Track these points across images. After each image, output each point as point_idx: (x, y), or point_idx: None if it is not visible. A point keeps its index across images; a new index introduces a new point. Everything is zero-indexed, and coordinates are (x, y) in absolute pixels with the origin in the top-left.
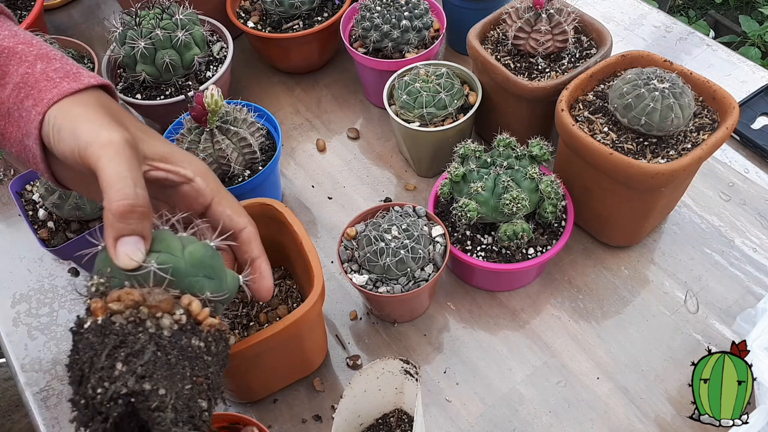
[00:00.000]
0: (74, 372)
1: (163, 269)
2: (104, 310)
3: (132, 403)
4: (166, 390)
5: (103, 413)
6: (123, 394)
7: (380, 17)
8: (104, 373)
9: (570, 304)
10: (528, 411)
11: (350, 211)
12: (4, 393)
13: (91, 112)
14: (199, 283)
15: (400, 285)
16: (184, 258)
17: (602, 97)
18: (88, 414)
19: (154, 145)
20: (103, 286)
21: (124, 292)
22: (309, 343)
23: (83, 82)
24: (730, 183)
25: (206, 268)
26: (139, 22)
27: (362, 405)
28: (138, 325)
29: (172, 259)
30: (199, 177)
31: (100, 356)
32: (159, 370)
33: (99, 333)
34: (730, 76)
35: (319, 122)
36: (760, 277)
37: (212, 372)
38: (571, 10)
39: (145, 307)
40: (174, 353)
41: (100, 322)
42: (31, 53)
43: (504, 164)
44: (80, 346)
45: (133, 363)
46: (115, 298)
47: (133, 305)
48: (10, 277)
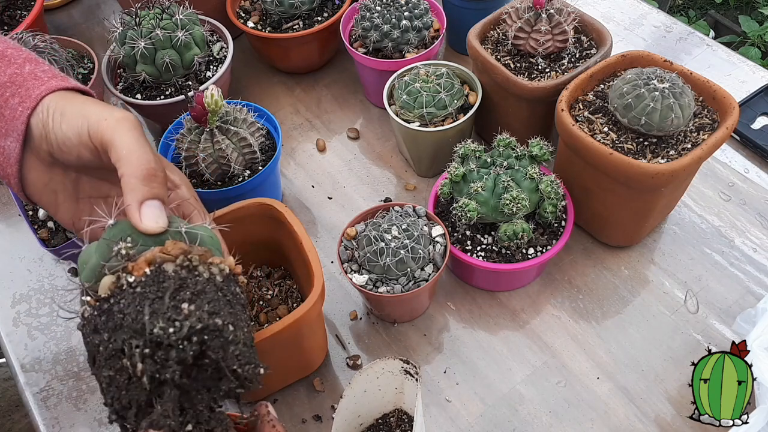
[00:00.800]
0: (127, 327)
1: (191, 234)
2: (148, 264)
3: (204, 342)
4: (234, 327)
5: (177, 355)
6: (198, 329)
7: (380, 17)
8: (172, 314)
9: (570, 304)
10: (528, 411)
11: (350, 211)
12: (4, 393)
13: (93, 101)
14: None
15: (400, 285)
16: (197, 229)
17: (602, 97)
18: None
19: None
20: (131, 249)
21: (171, 243)
22: (309, 343)
23: (71, 84)
24: (730, 183)
25: (215, 242)
26: (139, 22)
27: (362, 405)
28: (192, 270)
29: (194, 227)
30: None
31: (163, 299)
32: (224, 308)
33: (151, 282)
34: (730, 76)
35: (319, 122)
36: (760, 277)
37: (248, 318)
38: (571, 10)
39: (195, 255)
40: (229, 296)
41: (150, 273)
42: (20, 56)
43: (504, 164)
44: (124, 302)
45: (200, 301)
46: (157, 252)
47: (183, 253)
48: (10, 277)
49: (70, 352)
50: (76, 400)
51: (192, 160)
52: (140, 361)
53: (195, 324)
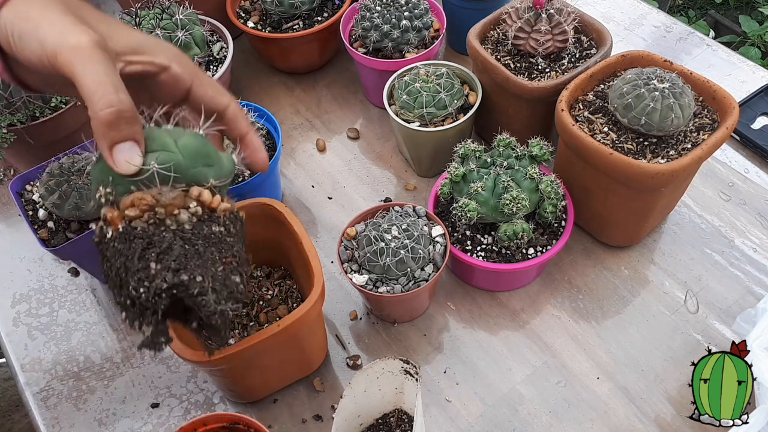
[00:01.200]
0: (111, 279)
1: (165, 168)
2: (121, 218)
3: (175, 294)
4: (202, 276)
5: (150, 308)
6: (164, 289)
7: (380, 17)
8: (141, 275)
9: (570, 304)
10: (528, 411)
11: (350, 211)
12: (4, 393)
13: (51, 11)
14: (201, 172)
15: (400, 285)
16: (181, 152)
17: (602, 97)
18: (137, 311)
19: (122, 38)
20: (111, 195)
21: (136, 197)
22: (309, 343)
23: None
24: (730, 183)
25: (203, 157)
26: (139, 22)
27: (362, 405)
28: (159, 225)
29: (170, 156)
30: (175, 63)
31: (133, 260)
32: (191, 260)
33: (123, 240)
34: (730, 76)
35: (319, 122)
36: (760, 277)
37: (237, 250)
38: (571, 10)
39: (161, 207)
40: (200, 243)
41: (122, 230)
42: None
43: (504, 164)
44: (108, 254)
45: (165, 260)
46: (129, 205)
47: (149, 208)
48: (10, 277)
49: (70, 352)
50: (76, 400)
51: None
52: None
53: (160, 284)
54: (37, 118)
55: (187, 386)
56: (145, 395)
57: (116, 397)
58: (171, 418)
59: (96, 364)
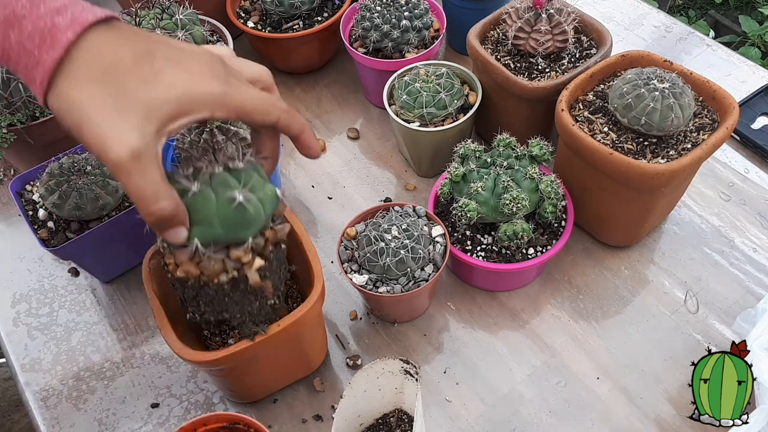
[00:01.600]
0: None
1: (205, 243)
2: (175, 269)
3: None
4: (240, 313)
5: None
6: (212, 321)
7: (380, 17)
8: (194, 308)
9: (570, 304)
10: (528, 411)
11: (350, 211)
12: (4, 393)
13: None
14: (238, 237)
15: (400, 285)
16: (220, 225)
17: (602, 97)
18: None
19: (241, 69)
20: (166, 247)
21: (184, 269)
22: (309, 343)
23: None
24: (730, 183)
25: (240, 225)
26: (139, 22)
27: (362, 405)
28: (203, 286)
29: (210, 232)
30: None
31: (187, 299)
32: (230, 305)
33: (179, 282)
34: (730, 76)
35: (319, 122)
36: (760, 277)
37: (276, 281)
38: (571, 10)
39: (204, 276)
40: (237, 295)
41: (178, 277)
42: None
43: (504, 164)
44: (175, 283)
45: (211, 305)
46: (183, 271)
47: (196, 277)
48: (10, 277)
49: (70, 352)
50: (76, 400)
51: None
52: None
53: (209, 318)
54: (37, 118)
55: (187, 386)
56: (145, 395)
57: (116, 397)
58: (171, 418)
59: (96, 364)
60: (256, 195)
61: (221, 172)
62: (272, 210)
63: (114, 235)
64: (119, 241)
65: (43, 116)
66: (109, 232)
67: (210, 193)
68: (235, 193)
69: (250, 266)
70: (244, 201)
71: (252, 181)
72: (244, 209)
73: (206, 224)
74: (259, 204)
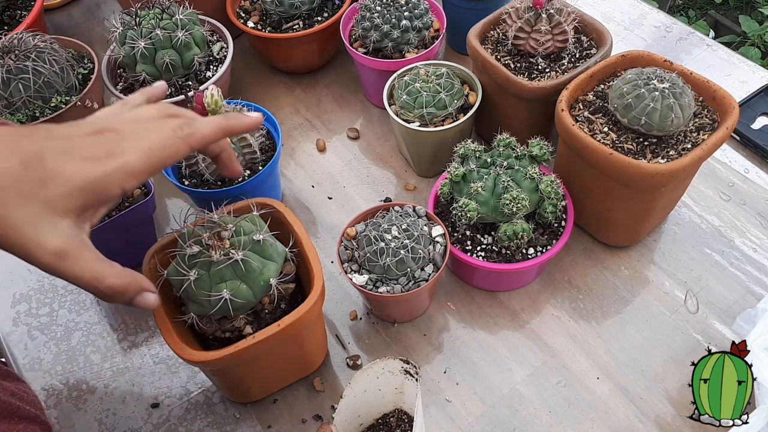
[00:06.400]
0: None
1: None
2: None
3: None
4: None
5: None
6: None
7: (380, 17)
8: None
9: (570, 304)
10: (528, 411)
11: (350, 211)
12: None
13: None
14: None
15: (400, 285)
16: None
17: (602, 97)
18: None
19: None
20: None
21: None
22: (309, 343)
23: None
24: (730, 183)
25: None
26: (139, 22)
27: (362, 405)
28: None
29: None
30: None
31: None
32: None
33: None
34: (730, 76)
35: (319, 122)
36: (760, 277)
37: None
38: (571, 10)
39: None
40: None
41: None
42: None
43: (504, 164)
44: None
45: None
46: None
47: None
48: (10, 277)
49: (70, 352)
50: (76, 400)
51: (192, 160)
52: None
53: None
54: (37, 118)
55: (187, 386)
56: (145, 395)
57: (116, 397)
58: (171, 418)
59: (96, 364)
60: (250, 285)
61: (221, 259)
62: (263, 295)
63: (114, 235)
64: (119, 241)
65: (43, 116)
66: (109, 232)
67: (206, 282)
68: (223, 293)
69: (243, 329)
70: (230, 298)
71: (250, 269)
72: (233, 301)
73: (200, 305)
74: (249, 293)
